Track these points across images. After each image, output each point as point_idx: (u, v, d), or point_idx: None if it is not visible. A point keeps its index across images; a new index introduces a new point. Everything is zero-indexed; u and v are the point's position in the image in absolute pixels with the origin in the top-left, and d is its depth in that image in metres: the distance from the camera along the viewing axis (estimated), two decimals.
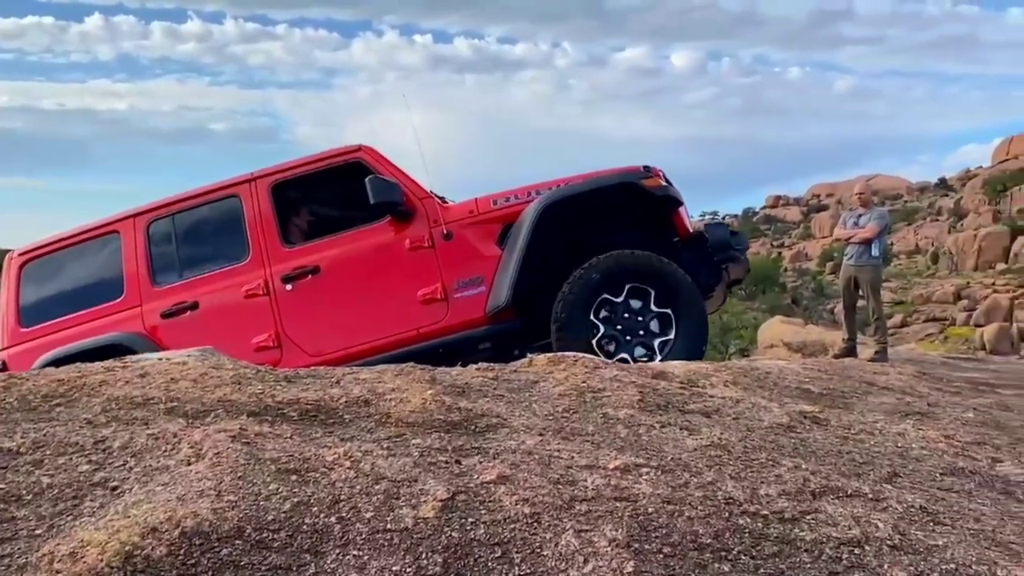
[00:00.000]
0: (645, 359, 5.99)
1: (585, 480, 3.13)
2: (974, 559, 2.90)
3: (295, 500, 2.84)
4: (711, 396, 4.66)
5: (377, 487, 2.96)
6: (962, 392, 7.26)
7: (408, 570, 2.57)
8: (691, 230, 6.71)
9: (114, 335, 6.35)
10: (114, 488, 3.01)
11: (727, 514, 2.98)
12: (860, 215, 10.93)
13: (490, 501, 2.93)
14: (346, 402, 3.80)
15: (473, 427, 3.61)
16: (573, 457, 3.34)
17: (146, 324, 6.44)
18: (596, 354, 5.84)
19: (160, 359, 4.41)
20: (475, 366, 4.80)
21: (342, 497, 2.88)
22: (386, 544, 2.67)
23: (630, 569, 2.58)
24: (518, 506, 2.90)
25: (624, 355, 6.05)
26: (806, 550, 2.81)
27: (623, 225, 6.46)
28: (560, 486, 3.06)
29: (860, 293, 10.95)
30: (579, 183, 6.50)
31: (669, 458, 3.46)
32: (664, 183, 6.47)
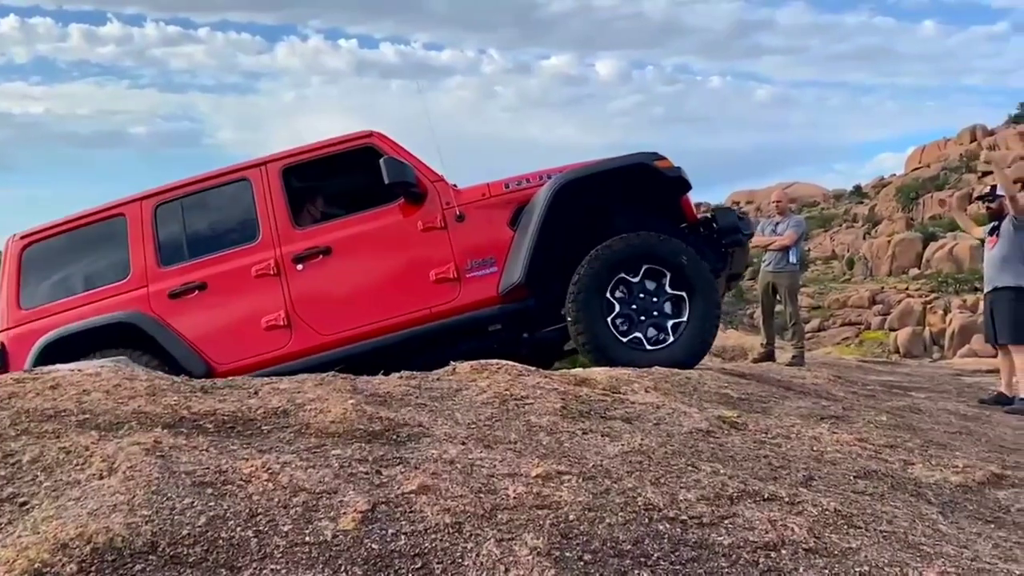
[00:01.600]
0: (660, 340, 6.05)
1: (507, 488, 3.12)
2: (886, 561, 2.94)
3: (211, 514, 2.78)
4: (632, 402, 4.68)
5: (295, 499, 2.91)
6: (876, 395, 7.41)
7: None
8: (698, 215, 6.77)
9: (120, 314, 6.27)
10: (23, 504, 2.92)
11: (647, 520, 2.99)
12: (778, 222, 11.12)
13: (411, 512, 2.90)
14: (264, 413, 3.74)
15: (395, 437, 3.58)
16: (495, 465, 3.33)
17: (152, 304, 6.35)
18: (612, 333, 5.95)
19: (72, 370, 4.29)
20: (397, 375, 4.76)
21: (259, 510, 2.83)
22: (304, 558, 2.63)
23: None
24: (439, 516, 2.88)
25: (638, 335, 6.07)
26: (723, 555, 2.83)
27: (634, 208, 6.47)
28: (482, 495, 3.04)
29: (778, 298, 11.13)
30: (602, 163, 6.52)
31: (590, 465, 3.46)
32: (675, 166, 6.48)
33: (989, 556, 3.25)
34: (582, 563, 2.68)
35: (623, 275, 6.07)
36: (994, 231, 8.25)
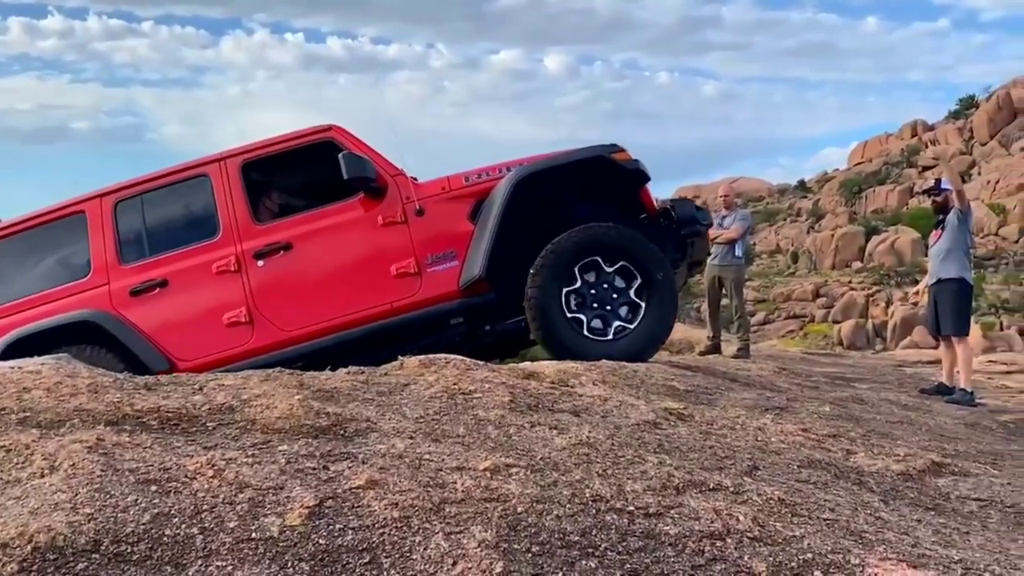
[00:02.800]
0: (618, 329, 6.07)
1: (455, 482, 3.11)
2: (829, 548, 2.98)
3: (155, 511, 2.75)
4: (580, 395, 4.70)
5: (241, 496, 2.88)
6: (819, 387, 7.51)
7: None
8: (657, 206, 6.77)
9: (81, 312, 6.18)
10: None
11: (594, 511, 3.00)
12: (724, 216, 11.24)
13: (359, 506, 2.88)
14: (209, 409, 3.69)
15: (342, 432, 3.56)
16: (443, 459, 3.33)
17: (114, 301, 6.28)
18: (569, 324, 5.99)
19: (12, 367, 4.22)
20: (344, 370, 4.74)
21: (204, 507, 2.80)
22: (251, 554, 2.61)
23: (499, 569, 2.58)
24: (387, 510, 2.87)
25: (596, 325, 6.09)
26: (670, 544, 2.86)
27: (593, 200, 6.50)
28: (430, 489, 3.04)
29: (724, 292, 11.25)
30: (560, 156, 6.55)
31: (538, 458, 3.47)
32: (633, 158, 6.53)
33: (929, 542, 3.32)
34: (530, 555, 2.69)
35: (580, 267, 6.09)
36: (939, 224, 8.40)
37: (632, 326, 6.09)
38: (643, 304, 6.12)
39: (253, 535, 2.69)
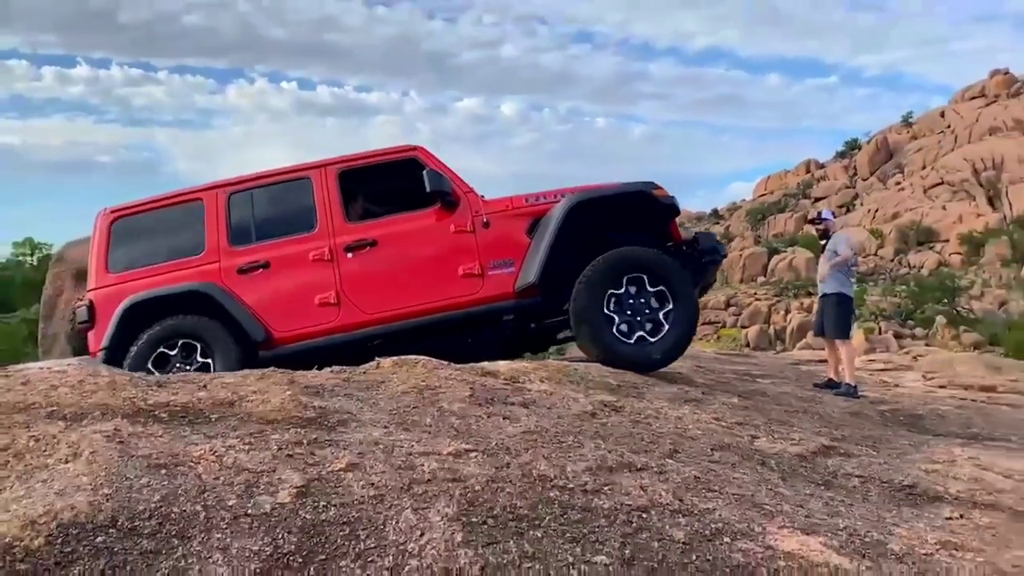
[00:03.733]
0: (650, 336, 6.06)
1: (423, 465, 3.10)
2: (737, 519, 3.01)
3: (164, 492, 2.71)
4: (530, 390, 4.70)
5: (239, 478, 2.85)
6: (730, 382, 7.56)
7: (266, 549, 2.49)
8: (683, 235, 6.80)
9: (195, 284, 6.15)
10: None
11: (540, 489, 3.00)
12: None
13: (340, 486, 2.87)
14: (212, 404, 3.65)
15: (326, 422, 3.53)
16: (413, 446, 3.31)
17: (223, 277, 6.24)
18: (610, 329, 5.95)
19: (41, 368, 4.14)
20: (328, 369, 4.70)
21: (207, 488, 2.76)
22: (247, 527, 2.58)
23: (459, 539, 2.57)
24: (364, 490, 2.85)
25: (633, 331, 6.07)
26: (604, 516, 2.86)
27: (631, 226, 6.52)
28: (401, 471, 3.02)
29: None
30: (607, 188, 6.60)
31: (493, 443, 3.47)
32: (669, 195, 6.59)
33: (820, 513, 3.35)
34: (486, 526, 2.68)
35: (621, 281, 6.10)
36: (823, 248, 8.58)
37: (661, 334, 6.08)
38: (670, 316, 6.12)
39: (249, 511, 2.66)
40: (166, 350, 5.90)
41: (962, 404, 8.04)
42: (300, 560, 2.48)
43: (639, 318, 6.06)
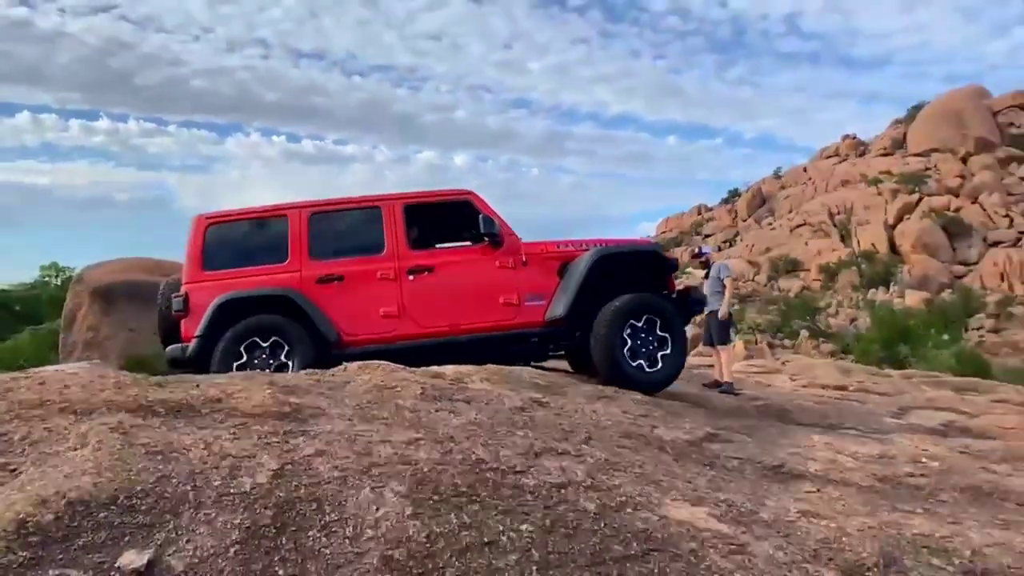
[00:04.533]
0: (653, 365, 6.17)
1: (380, 451, 3.05)
2: (638, 492, 3.02)
3: (159, 474, 2.62)
4: (472, 389, 4.66)
5: (224, 462, 2.78)
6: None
7: (246, 522, 2.43)
8: (678, 287, 6.95)
9: (280, 288, 5.98)
10: (13, 470, 2.70)
11: (478, 470, 2.98)
12: None
13: (310, 469, 2.81)
14: (203, 400, 3.54)
15: (300, 416, 3.45)
16: (372, 435, 3.26)
17: (303, 284, 6.06)
18: (624, 358, 6.02)
19: (57, 370, 3.99)
20: (303, 372, 4.61)
21: (196, 471, 2.69)
22: (230, 504, 2.51)
23: (409, 512, 2.54)
24: (330, 472, 2.80)
25: (639, 361, 6.14)
26: (530, 492, 2.85)
27: (640, 276, 6.60)
28: (362, 456, 2.97)
29: None
30: (624, 244, 6.81)
31: (440, 433, 3.43)
32: (674, 256, 6.88)
33: (705, 488, 3.38)
34: (431, 502, 2.65)
35: (632, 320, 6.20)
36: (706, 275, 8.81)
37: (661, 363, 6.21)
38: (668, 348, 6.27)
39: (232, 490, 2.59)
40: (253, 342, 5.75)
41: (820, 400, 8.21)
42: (274, 531, 2.42)
43: (645, 350, 6.16)
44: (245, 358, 5.63)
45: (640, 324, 6.19)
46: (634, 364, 6.11)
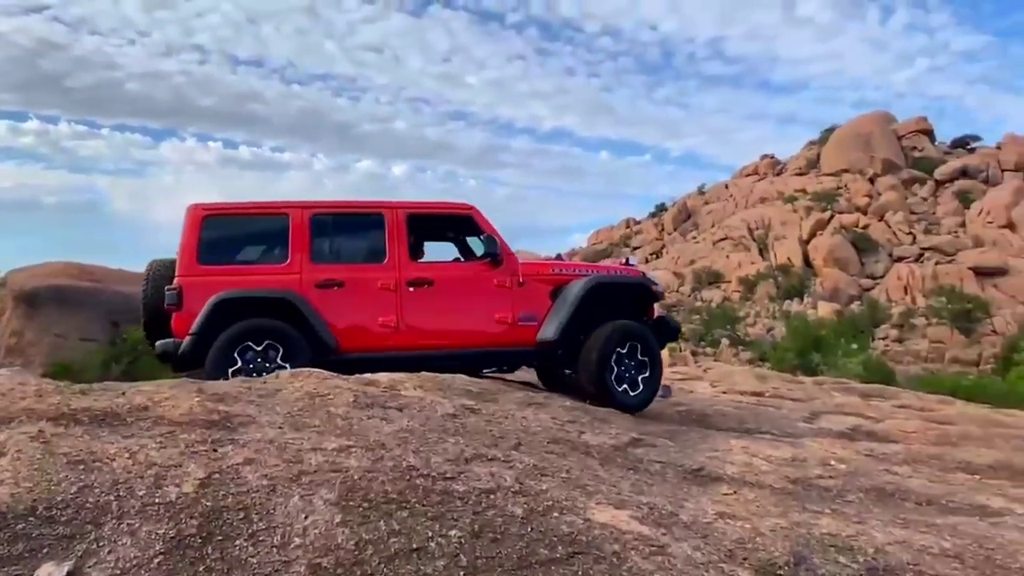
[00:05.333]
0: (635, 387, 6.32)
1: (310, 459, 2.99)
2: (564, 497, 3.03)
3: (81, 484, 2.51)
4: (404, 396, 4.60)
5: (149, 472, 2.68)
6: (568, 389, 7.64)
7: (170, 532, 2.34)
8: (656, 315, 7.04)
9: (281, 291, 5.72)
10: None
11: (408, 477, 2.95)
12: None
13: (238, 478, 2.73)
14: (129, 408, 3.40)
15: (229, 424, 3.35)
16: (302, 443, 3.19)
17: (303, 288, 5.80)
18: (611, 381, 6.16)
19: None
20: (235, 379, 4.48)
21: (120, 481, 2.58)
22: (154, 514, 2.42)
23: (338, 520, 2.49)
24: (259, 480, 2.72)
25: (623, 384, 6.27)
26: (459, 497, 2.83)
27: (626, 304, 6.67)
28: (291, 464, 2.90)
29: None
30: (616, 274, 6.89)
31: (372, 440, 3.38)
32: (659, 288, 7.02)
33: (628, 491, 3.42)
34: (361, 509, 2.61)
35: (625, 344, 6.33)
36: None
37: (642, 386, 6.35)
38: (648, 375, 6.40)
39: (156, 500, 2.50)
40: (248, 345, 5.52)
41: (739, 406, 8.40)
42: (200, 540, 2.34)
43: (628, 375, 6.30)
44: (240, 363, 5.44)
45: (624, 351, 6.32)
46: (620, 389, 6.24)
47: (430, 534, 2.51)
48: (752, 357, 38.04)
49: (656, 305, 7.56)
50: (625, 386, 6.26)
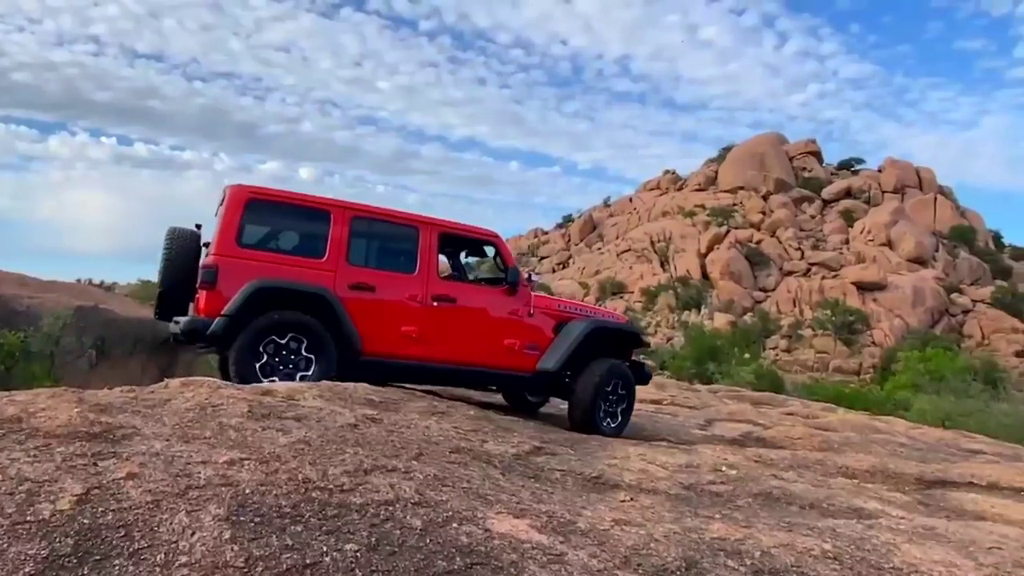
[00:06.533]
0: (614, 419, 6.83)
1: (199, 472, 2.85)
2: (464, 507, 3.01)
3: None
4: (303, 406, 4.48)
5: (21, 488, 2.49)
6: (471, 397, 7.63)
7: (42, 552, 2.18)
8: (634, 359, 7.59)
9: (317, 286, 5.78)
10: None
11: (304, 490, 2.86)
12: None
13: (119, 494, 2.57)
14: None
15: (111, 436, 3.15)
16: (191, 455, 3.04)
17: (337, 286, 5.89)
18: (597, 413, 6.67)
19: None
20: (119, 388, 4.24)
21: None
22: (25, 533, 2.25)
23: (227, 536, 2.38)
24: (142, 496, 2.57)
25: (606, 417, 6.77)
26: (356, 510, 2.77)
27: (613, 346, 7.14)
28: (178, 478, 2.76)
29: None
30: (614, 319, 7.51)
31: (266, 452, 3.26)
32: (644, 336, 7.69)
33: (528, 500, 3.44)
34: (253, 524, 2.51)
35: (611, 383, 6.81)
36: None
37: (621, 418, 6.89)
38: (624, 407, 6.93)
39: (28, 518, 2.32)
40: (272, 337, 5.54)
41: (638, 414, 8.60)
42: (75, 560, 2.19)
43: (611, 409, 6.82)
44: (265, 357, 5.51)
45: (609, 389, 6.82)
46: (604, 420, 6.74)
47: (325, 549, 2.44)
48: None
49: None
50: (608, 419, 6.78)
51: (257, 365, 5.43)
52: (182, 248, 6.13)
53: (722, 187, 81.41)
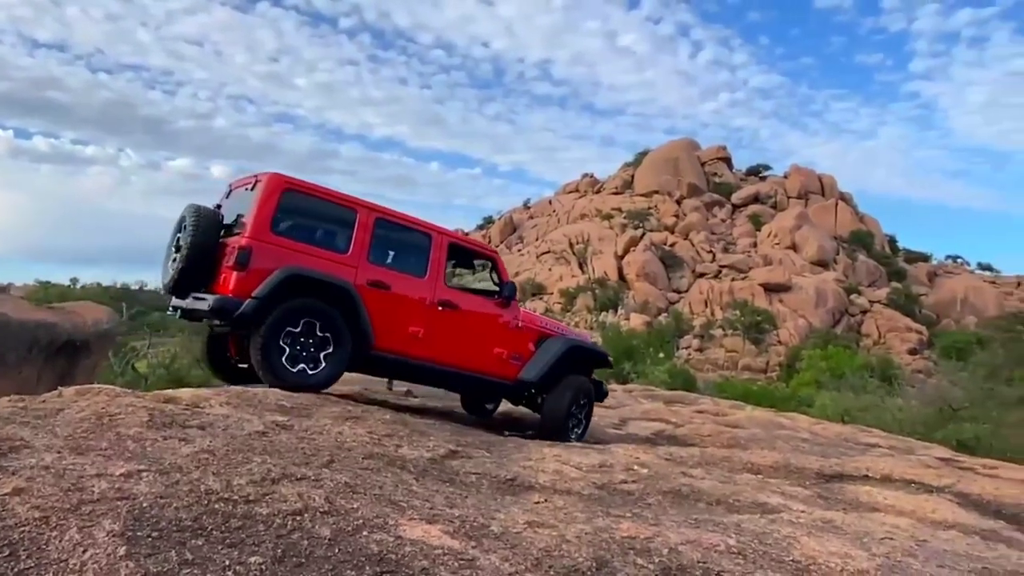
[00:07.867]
0: (579, 426, 7.41)
1: (93, 486, 2.71)
2: (375, 515, 2.97)
3: None
4: (208, 413, 4.33)
5: None
6: (387, 401, 7.54)
7: None
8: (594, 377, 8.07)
9: (343, 280, 6.03)
10: None
11: (206, 502, 2.75)
12: None
13: (3, 510, 2.41)
14: None
15: None
16: (85, 468, 2.88)
17: (358, 281, 6.15)
18: (568, 422, 7.20)
19: None
20: (8, 398, 3.99)
21: None
22: None
23: (122, 552, 2.27)
24: (29, 512, 2.43)
25: (574, 425, 7.32)
26: (262, 521, 2.69)
27: (583, 365, 7.65)
28: (70, 492, 2.62)
29: None
30: (589, 342, 8.02)
31: (167, 463, 3.13)
32: (610, 357, 8.33)
33: (441, 505, 3.41)
34: (151, 539, 2.40)
35: (579, 398, 7.36)
36: None
37: (584, 427, 7.49)
38: (583, 424, 7.49)
39: None
40: (291, 327, 5.76)
41: None
42: None
43: (577, 419, 7.38)
44: (289, 340, 5.74)
45: (582, 403, 7.42)
46: (572, 425, 7.27)
47: (227, 562, 2.35)
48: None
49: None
50: (576, 428, 7.34)
51: (285, 349, 5.71)
52: (208, 226, 6.17)
53: (638, 191, 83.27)
